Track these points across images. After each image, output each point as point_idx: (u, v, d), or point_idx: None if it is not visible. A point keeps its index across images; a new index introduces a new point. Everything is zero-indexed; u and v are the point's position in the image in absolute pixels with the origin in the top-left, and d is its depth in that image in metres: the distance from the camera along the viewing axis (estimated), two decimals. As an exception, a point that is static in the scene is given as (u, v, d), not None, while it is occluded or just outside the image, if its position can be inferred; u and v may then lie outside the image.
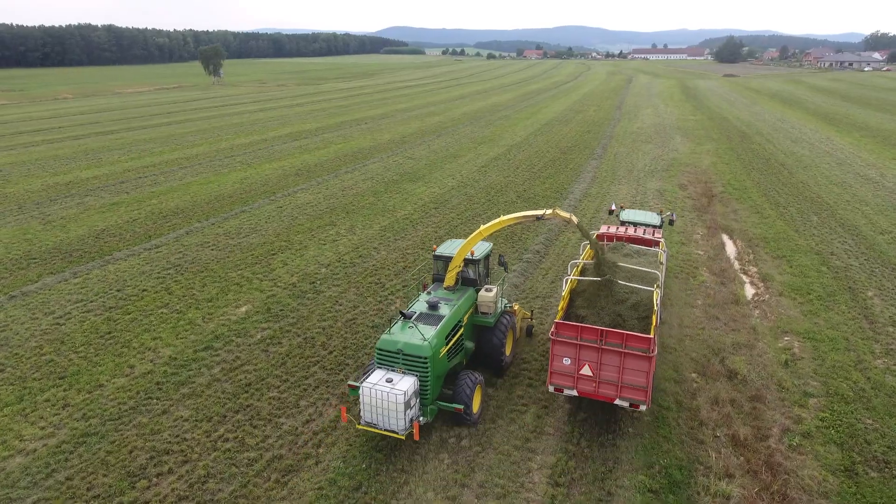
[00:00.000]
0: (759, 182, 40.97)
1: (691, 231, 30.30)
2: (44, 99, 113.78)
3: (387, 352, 13.93)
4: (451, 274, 15.94)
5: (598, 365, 13.49)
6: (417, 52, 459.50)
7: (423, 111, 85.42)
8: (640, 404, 13.45)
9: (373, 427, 13.45)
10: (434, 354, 13.74)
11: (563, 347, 13.73)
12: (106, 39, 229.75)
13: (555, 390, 14.29)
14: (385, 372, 13.75)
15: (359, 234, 30.05)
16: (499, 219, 15.23)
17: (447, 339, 14.45)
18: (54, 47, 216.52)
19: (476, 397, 14.57)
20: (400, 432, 13.18)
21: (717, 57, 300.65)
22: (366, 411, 13.40)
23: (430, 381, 13.74)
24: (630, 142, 57.99)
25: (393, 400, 12.92)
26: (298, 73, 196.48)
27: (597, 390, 13.76)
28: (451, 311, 15.03)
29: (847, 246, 27.71)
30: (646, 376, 13.16)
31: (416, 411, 13.56)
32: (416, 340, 13.77)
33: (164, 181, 42.51)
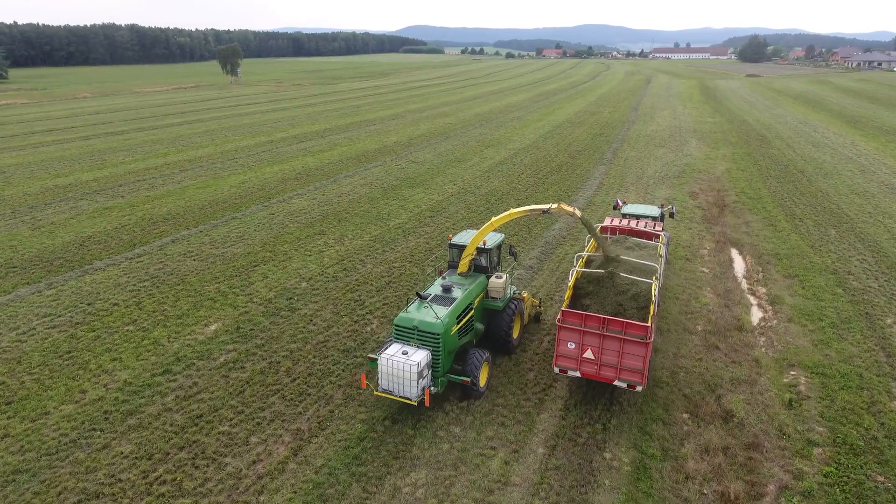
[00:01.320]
0: (775, 191, 38.75)
1: (698, 245, 28.41)
2: (64, 98, 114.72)
3: (403, 328, 15.46)
4: (465, 261, 17.39)
5: (600, 349, 14.67)
6: (436, 51, 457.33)
7: (435, 112, 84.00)
8: (636, 385, 14.63)
9: (389, 394, 14.91)
10: (446, 331, 15.17)
11: (569, 333, 14.96)
12: (129, 39, 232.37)
13: (559, 371, 15.49)
14: (401, 346, 15.22)
15: (347, 244, 28.75)
16: (508, 211, 16.51)
17: (458, 318, 15.89)
18: (79, 46, 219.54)
19: (483, 372, 16.01)
20: (413, 399, 14.62)
21: (740, 56, 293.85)
22: (383, 379, 14.88)
23: (442, 355, 15.17)
24: (643, 146, 55.88)
25: (407, 370, 14.36)
26: (316, 72, 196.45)
27: (598, 372, 14.95)
28: (462, 294, 16.47)
29: (867, 264, 25.62)
30: (643, 360, 14.33)
31: (429, 381, 14.97)
32: (430, 318, 15.18)
33: (162, 185, 41.73)
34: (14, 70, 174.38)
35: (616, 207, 25.45)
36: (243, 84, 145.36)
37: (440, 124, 71.31)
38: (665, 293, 22.42)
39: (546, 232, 30.47)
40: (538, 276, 24.90)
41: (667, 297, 22.18)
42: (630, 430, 14.72)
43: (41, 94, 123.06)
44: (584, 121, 74.16)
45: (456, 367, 16.19)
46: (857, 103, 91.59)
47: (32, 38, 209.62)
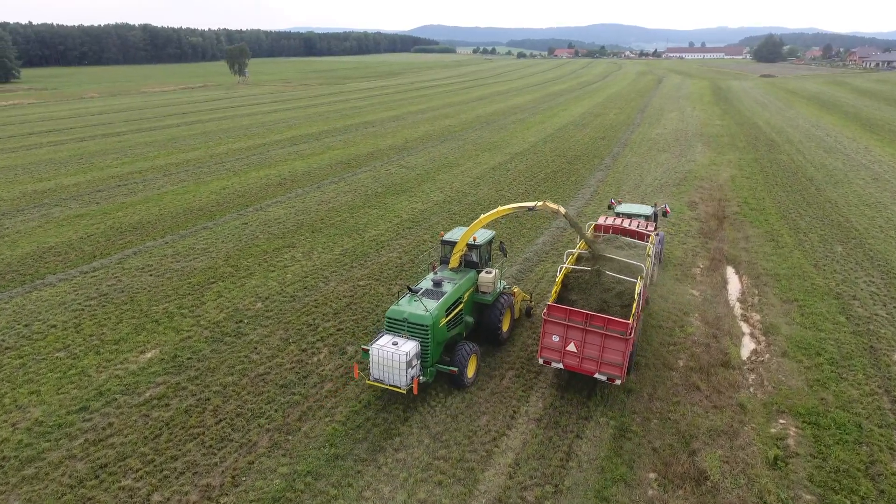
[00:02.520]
0: (780, 201, 36.27)
1: (691, 263, 26.17)
2: (71, 98, 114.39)
3: (394, 320, 15.97)
4: (455, 257, 17.96)
5: (583, 343, 15.13)
6: (448, 50, 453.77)
7: (437, 113, 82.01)
8: (616, 378, 15.10)
9: (380, 382, 15.42)
10: (434, 324, 15.64)
11: (554, 327, 15.44)
12: (141, 39, 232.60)
13: (544, 363, 16.03)
14: (392, 336, 15.72)
15: (315, 258, 26.93)
16: (497, 209, 17.10)
17: (447, 311, 16.35)
18: (92, 46, 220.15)
19: (471, 364, 16.56)
20: (402, 387, 15.12)
21: (755, 56, 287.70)
22: (374, 369, 15.42)
23: (431, 346, 15.68)
24: (645, 150, 53.45)
25: (397, 360, 14.88)
26: (326, 71, 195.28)
27: (580, 365, 15.40)
28: (452, 288, 16.93)
29: (874, 287, 23.24)
30: (622, 356, 14.78)
31: (417, 371, 15.49)
32: (420, 311, 15.73)
33: (142, 190, 40.25)
34: (27, 70, 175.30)
35: (610, 206, 25.51)
36: (251, 84, 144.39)
37: (440, 126, 69.34)
38: (648, 321, 20.31)
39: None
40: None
41: (649, 325, 20.07)
42: (586, 493, 12.70)
43: (50, 94, 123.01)
44: (587, 123, 71.77)
45: (445, 358, 16.72)
46: (873, 105, 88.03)
47: (46, 37, 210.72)
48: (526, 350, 18.77)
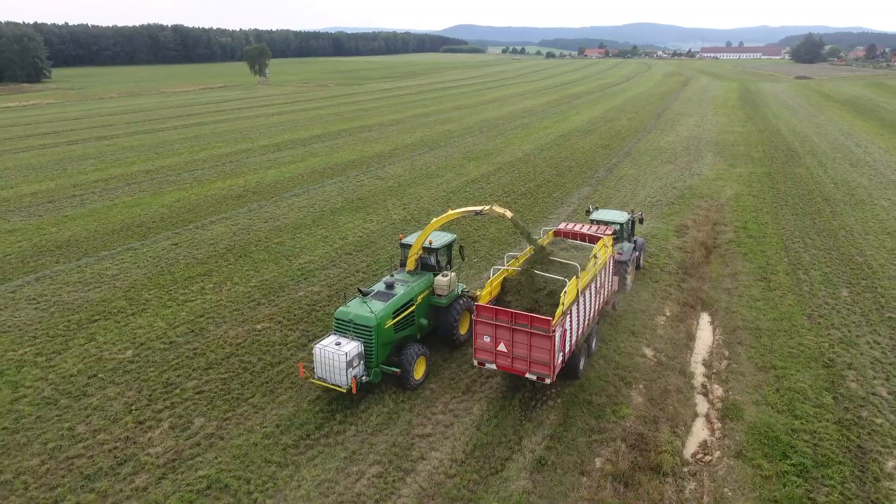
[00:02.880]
0: (785, 226, 31.23)
1: (657, 308, 21.71)
2: (91, 98, 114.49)
3: (341, 321, 16.07)
4: (411, 259, 17.94)
5: (511, 343, 14.85)
6: (477, 50, 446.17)
7: (441, 117, 78.09)
8: (545, 378, 14.79)
9: (323, 381, 15.47)
10: (379, 325, 15.68)
11: (484, 327, 15.16)
12: (172, 39, 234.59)
13: (478, 364, 15.77)
14: (337, 337, 15.82)
15: (225, 291, 23.46)
16: (447, 213, 17.09)
17: (395, 313, 16.32)
18: (124, 46, 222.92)
19: (418, 366, 16.47)
20: (342, 387, 15.13)
21: (794, 56, 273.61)
22: (318, 367, 15.54)
23: (375, 347, 15.69)
24: (647, 161, 48.52)
25: (338, 359, 14.98)
26: (350, 72, 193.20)
27: (511, 364, 15.11)
28: (403, 290, 16.93)
29: (879, 351, 18.45)
30: (548, 354, 14.40)
31: (360, 371, 15.46)
32: (365, 313, 15.80)
33: (95, 200, 37.60)
34: (60, 69, 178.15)
35: (588, 213, 24.89)
36: (270, 84, 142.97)
37: (438, 131, 65.46)
38: (574, 395, 16.14)
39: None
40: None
41: (576, 401, 15.89)
42: None
43: (75, 94, 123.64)
44: (595, 129, 66.83)
45: (394, 359, 16.53)
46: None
47: (81, 38, 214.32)
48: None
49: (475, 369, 17.48)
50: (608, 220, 23.21)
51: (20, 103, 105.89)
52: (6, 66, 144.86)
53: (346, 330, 15.91)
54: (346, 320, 15.91)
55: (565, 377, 16.46)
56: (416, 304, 17.15)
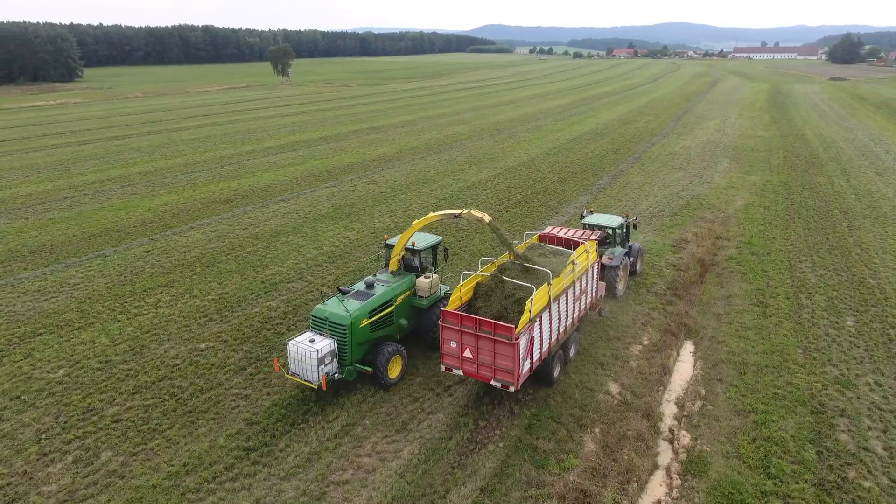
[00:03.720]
0: (795, 242, 28.69)
1: (636, 335, 19.69)
2: (117, 98, 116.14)
3: (318, 318, 16.13)
4: (393, 260, 18.01)
5: (476, 349, 14.65)
6: (505, 50, 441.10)
7: (454, 119, 76.43)
8: (509, 385, 14.54)
9: (296, 377, 15.59)
10: (354, 324, 15.68)
11: (450, 333, 15.00)
12: (202, 39, 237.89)
13: (445, 369, 15.50)
14: (312, 334, 15.89)
15: (181, 304, 22.29)
16: (428, 215, 17.09)
17: (371, 313, 16.25)
18: (155, 47, 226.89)
19: (393, 365, 16.43)
20: (314, 383, 15.23)
21: (830, 57, 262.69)
22: (291, 363, 15.63)
23: (349, 345, 15.69)
24: (657, 167, 46.04)
25: (310, 356, 15.15)
26: (375, 72, 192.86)
27: (477, 371, 14.95)
28: (382, 291, 16.90)
29: (879, 393, 16.14)
30: (512, 361, 14.17)
31: (333, 368, 15.50)
32: (340, 311, 15.82)
33: (84, 203, 37.12)
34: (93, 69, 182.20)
35: (582, 217, 24.18)
36: (293, 84, 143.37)
37: (447, 134, 63.83)
38: (518, 439, 14.36)
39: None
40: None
41: (520, 446, 14.09)
42: None
43: (102, 94, 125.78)
44: (609, 132, 64.29)
45: (370, 357, 16.46)
46: (955, 115, 75.46)
47: (114, 38, 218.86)
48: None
49: (416, 402, 15.89)
50: (600, 225, 22.63)
51: (48, 102, 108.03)
52: (40, 66, 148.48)
53: (322, 327, 16.04)
54: (323, 318, 16.02)
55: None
56: (395, 304, 17.12)
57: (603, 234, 22.34)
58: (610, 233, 22.60)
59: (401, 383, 16.86)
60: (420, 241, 18.40)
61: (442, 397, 16.20)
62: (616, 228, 22.67)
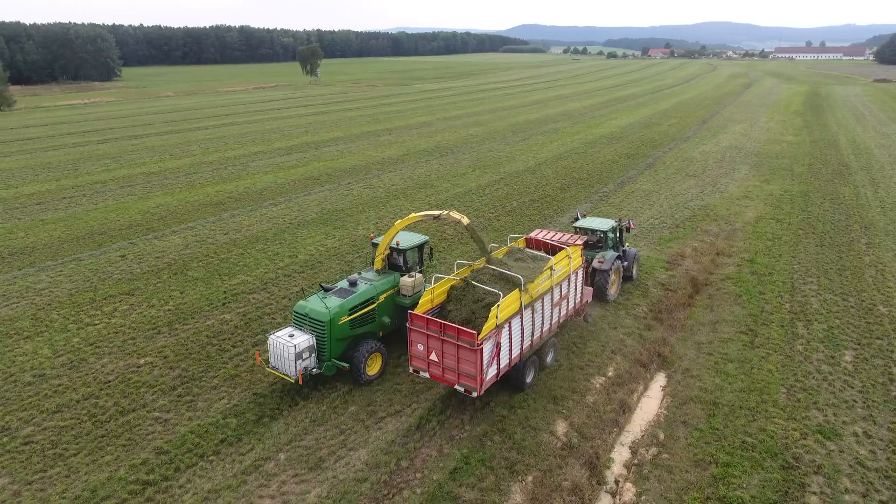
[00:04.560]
0: (802, 260, 26.25)
1: (602, 364, 17.89)
2: (149, 97, 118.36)
3: (299, 314, 16.55)
4: (377, 259, 18.11)
5: (441, 353, 14.61)
6: (538, 50, 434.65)
7: (472, 120, 74.84)
8: (472, 391, 14.36)
9: (276, 370, 16.07)
10: (332, 321, 16.03)
11: (417, 335, 15.00)
12: (237, 39, 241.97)
13: (413, 371, 15.57)
14: (292, 329, 16.31)
15: (135, 315, 21.51)
16: (410, 216, 17.12)
17: (352, 310, 16.55)
18: (192, 47, 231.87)
19: (372, 362, 16.79)
20: (292, 377, 15.64)
21: (878, 57, 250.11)
22: (272, 357, 16.14)
23: (328, 341, 16.09)
24: (669, 174, 43.61)
25: (287, 351, 15.48)
26: (405, 72, 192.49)
27: (443, 375, 14.84)
28: (364, 289, 17.12)
29: (866, 449, 13.98)
30: (474, 366, 14.03)
31: (311, 363, 15.92)
32: (320, 308, 16.19)
33: (81, 204, 37.05)
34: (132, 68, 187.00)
35: (575, 220, 23.69)
36: (321, 84, 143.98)
37: (459, 136, 62.34)
38: (441, 485, 12.88)
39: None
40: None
41: (437, 495, 12.62)
42: None
43: (135, 93, 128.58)
44: (628, 135, 61.73)
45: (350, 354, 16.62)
46: None
47: (154, 39, 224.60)
48: None
49: (341, 436, 14.57)
50: (592, 228, 22.25)
51: (83, 101, 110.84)
52: (81, 65, 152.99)
53: (303, 323, 16.34)
54: (303, 314, 16.34)
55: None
56: (377, 302, 17.28)
57: (594, 238, 22.25)
58: (601, 236, 22.12)
59: (330, 412, 15.58)
60: (406, 241, 18.54)
61: (371, 430, 14.84)
62: (607, 232, 22.05)
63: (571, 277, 17.79)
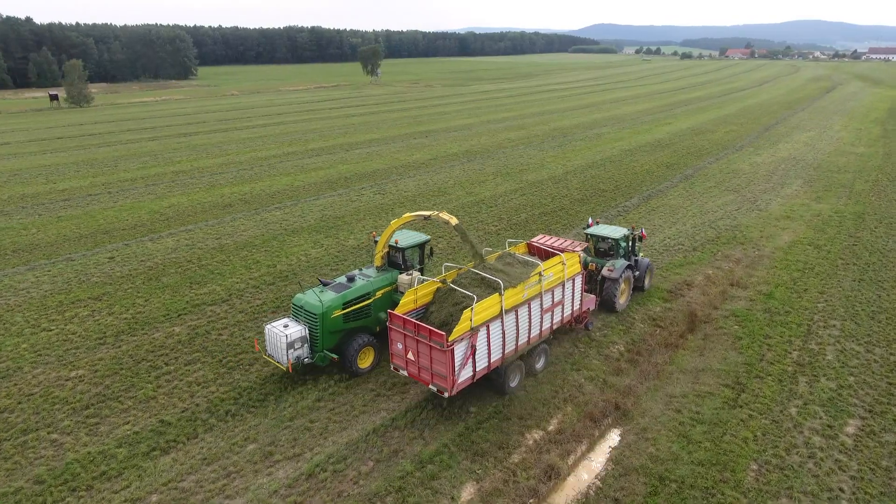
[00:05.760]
0: (831, 298, 22.51)
1: (547, 414, 15.52)
2: (215, 95, 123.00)
3: (296, 306, 17.34)
4: (377, 256, 18.76)
5: (417, 353, 14.83)
6: (609, 50, 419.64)
7: (514, 123, 72.33)
8: (444, 391, 14.53)
9: (271, 358, 16.93)
10: (325, 314, 16.61)
11: (395, 334, 15.31)
12: (308, 40, 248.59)
13: (394, 369, 15.92)
14: (288, 320, 17.18)
15: (91, 322, 21.10)
16: (404, 216, 17.56)
17: (346, 304, 17.16)
18: (266, 47, 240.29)
19: (364, 356, 17.43)
20: (283, 365, 16.41)
21: None
22: (268, 345, 17.08)
23: (321, 333, 16.69)
24: (707, 187, 39.70)
25: (280, 340, 16.26)
26: (467, 72, 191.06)
27: (419, 374, 15.09)
28: (360, 284, 17.83)
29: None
30: (446, 367, 14.17)
31: (303, 354, 16.66)
32: (314, 301, 16.85)
33: (102, 201, 37.95)
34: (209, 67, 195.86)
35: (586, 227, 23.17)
36: (380, 84, 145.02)
37: (495, 140, 60.12)
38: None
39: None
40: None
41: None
42: None
43: (205, 91, 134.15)
44: (675, 143, 57.38)
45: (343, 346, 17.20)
46: None
47: (230, 39, 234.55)
48: None
49: (226, 477, 13.18)
50: (603, 236, 21.78)
51: (154, 99, 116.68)
52: (160, 64, 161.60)
53: (299, 315, 17.11)
54: (299, 306, 17.11)
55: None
56: (373, 298, 17.82)
57: (605, 246, 21.98)
58: (612, 244, 21.65)
59: (227, 448, 14.21)
60: (405, 240, 19.08)
61: (260, 474, 13.36)
62: (619, 240, 21.51)
63: (566, 284, 17.50)
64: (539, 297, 16.37)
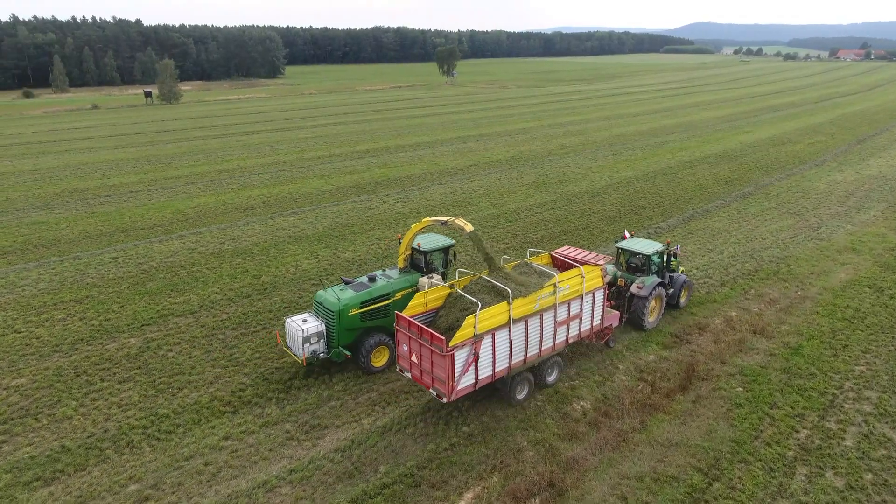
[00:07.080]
0: (874, 362, 18.26)
1: (470, 485, 13.18)
2: (294, 94, 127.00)
3: (317, 302, 17.71)
4: (399, 258, 19.01)
5: (420, 356, 14.78)
6: (705, 51, 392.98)
7: (575, 128, 68.53)
8: (442, 396, 14.36)
9: (290, 350, 17.55)
10: (342, 311, 17.00)
11: (402, 336, 15.28)
12: (393, 40, 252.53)
13: (399, 370, 15.85)
14: (308, 315, 17.76)
15: (60, 327, 20.99)
16: (423, 220, 17.79)
17: (364, 303, 17.43)
18: (352, 47, 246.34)
19: (378, 355, 17.77)
20: (300, 358, 16.98)
21: None
22: (287, 338, 17.76)
23: (337, 330, 17.08)
24: (765, 208, 34.84)
25: (297, 334, 16.90)
26: (545, 73, 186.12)
27: (421, 377, 15.01)
28: (380, 285, 18.02)
29: None
30: (445, 372, 14.02)
31: (319, 348, 17.19)
32: (333, 298, 17.26)
33: (138, 198, 39.08)
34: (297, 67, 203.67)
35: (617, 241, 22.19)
36: (455, 85, 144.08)
37: (546, 146, 56.94)
38: None
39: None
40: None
41: None
42: None
43: (287, 90, 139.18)
44: (746, 154, 51.62)
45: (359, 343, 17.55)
46: None
47: (319, 39, 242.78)
48: None
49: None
50: (635, 250, 20.82)
51: (238, 97, 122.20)
52: (251, 64, 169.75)
53: (319, 311, 17.58)
54: (320, 302, 17.55)
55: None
56: (392, 298, 17.93)
57: (636, 262, 20.94)
58: (644, 260, 20.54)
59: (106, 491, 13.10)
60: (428, 244, 19.15)
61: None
62: (651, 256, 20.35)
63: (586, 298, 16.90)
64: (553, 309, 15.94)
